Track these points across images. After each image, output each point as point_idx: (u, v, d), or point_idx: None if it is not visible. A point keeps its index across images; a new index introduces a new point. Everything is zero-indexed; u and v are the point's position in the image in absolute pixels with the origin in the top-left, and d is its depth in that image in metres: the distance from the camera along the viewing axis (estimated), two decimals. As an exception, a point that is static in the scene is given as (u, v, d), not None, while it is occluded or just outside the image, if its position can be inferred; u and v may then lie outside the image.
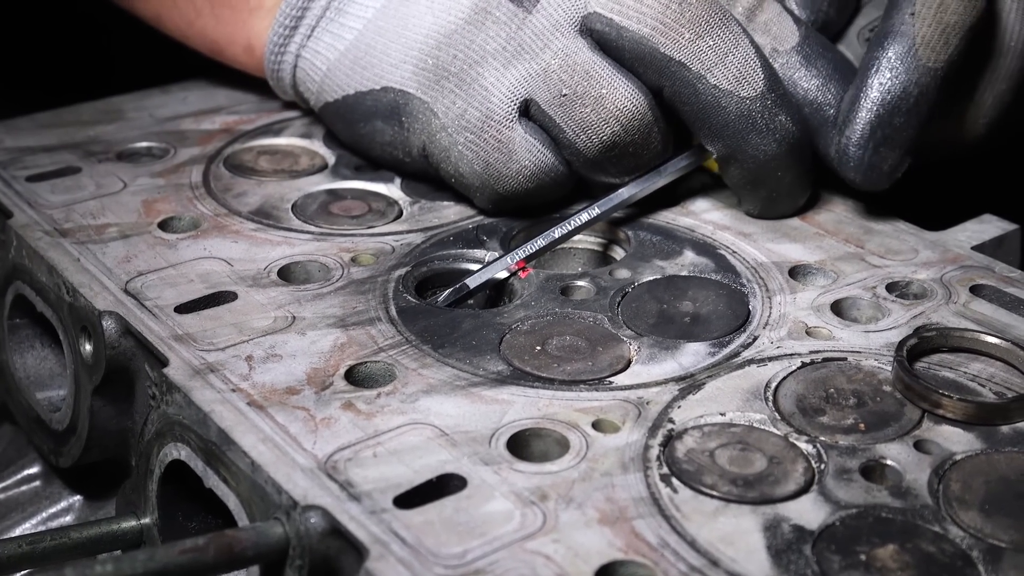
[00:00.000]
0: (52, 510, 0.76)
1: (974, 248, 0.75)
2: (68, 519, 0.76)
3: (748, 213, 0.78)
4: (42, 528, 0.76)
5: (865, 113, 0.73)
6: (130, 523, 0.66)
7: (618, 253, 0.76)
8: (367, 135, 0.80)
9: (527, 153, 0.74)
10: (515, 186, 0.75)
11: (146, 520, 0.65)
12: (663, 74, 0.73)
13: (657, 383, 0.63)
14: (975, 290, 0.70)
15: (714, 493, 0.55)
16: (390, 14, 0.79)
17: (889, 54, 0.73)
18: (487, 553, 0.52)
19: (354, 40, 0.80)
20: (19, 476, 0.79)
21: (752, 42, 0.74)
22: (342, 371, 0.63)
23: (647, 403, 0.61)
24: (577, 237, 0.76)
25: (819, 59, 0.76)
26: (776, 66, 0.76)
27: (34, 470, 0.79)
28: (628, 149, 0.75)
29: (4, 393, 0.79)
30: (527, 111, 0.75)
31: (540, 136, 0.75)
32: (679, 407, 0.61)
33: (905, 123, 0.73)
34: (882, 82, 0.73)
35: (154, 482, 0.64)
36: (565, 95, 0.73)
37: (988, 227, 0.77)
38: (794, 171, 0.75)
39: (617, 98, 0.73)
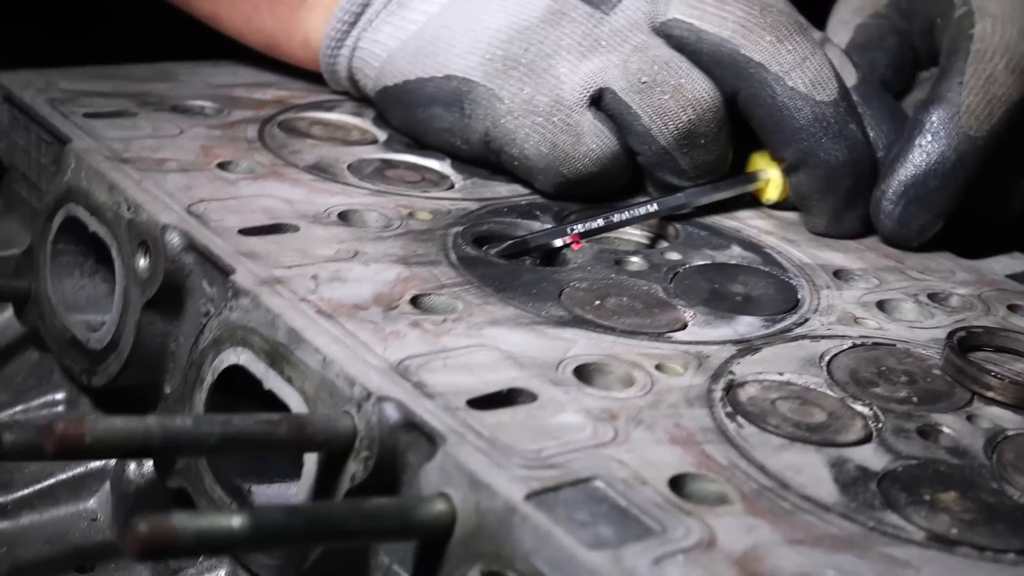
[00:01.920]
0: (74, 435, 0.75)
1: (1008, 276, 0.77)
2: (89, 445, 0.75)
3: (814, 230, 0.80)
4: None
5: (902, 170, 0.76)
6: (224, 415, 0.65)
7: (663, 246, 0.78)
8: (424, 120, 0.82)
9: (595, 137, 0.76)
10: (580, 168, 0.77)
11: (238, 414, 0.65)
12: (741, 76, 0.76)
13: (716, 343, 0.64)
14: (1013, 308, 0.73)
15: (779, 432, 0.56)
16: (457, 9, 0.81)
17: (932, 118, 0.76)
18: (562, 452, 0.52)
19: (418, 31, 0.82)
20: (42, 400, 0.78)
21: (825, 52, 0.77)
22: (407, 298, 0.63)
23: (707, 356, 0.62)
24: (626, 229, 0.77)
25: (874, 101, 0.80)
26: None
27: (59, 395, 0.78)
28: (700, 140, 0.77)
29: (37, 319, 0.78)
30: (598, 102, 0.77)
31: (608, 124, 0.77)
32: (738, 363, 0.62)
33: (940, 186, 0.76)
34: (922, 144, 0.76)
35: (204, 391, 0.64)
36: (644, 83, 0.76)
37: (1019, 262, 0.80)
38: (862, 182, 0.78)
39: (696, 87, 0.76)
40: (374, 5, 0.84)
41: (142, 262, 0.68)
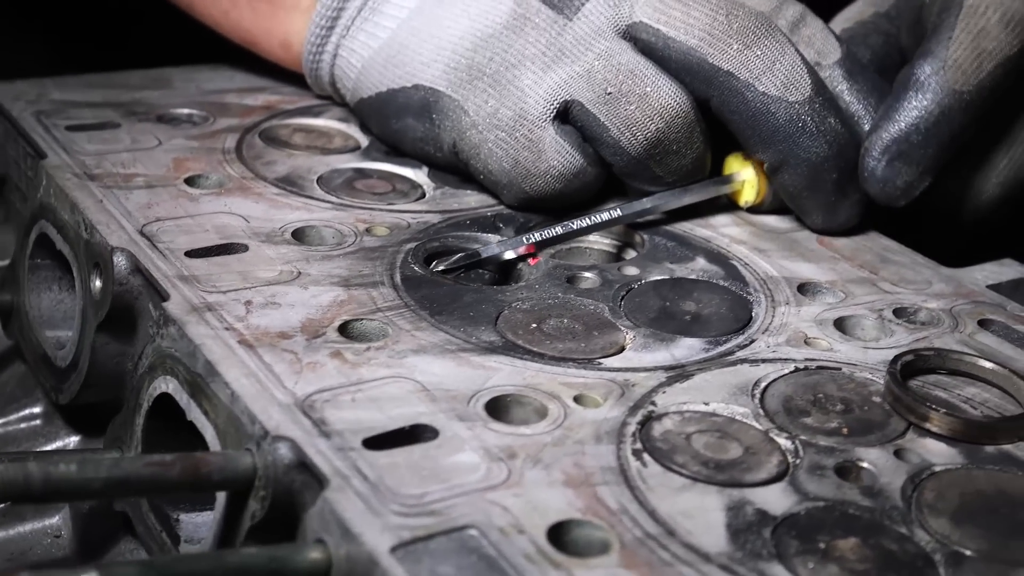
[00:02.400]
0: (47, 448, 0.77)
1: (989, 287, 0.74)
2: (62, 458, 0.77)
3: (813, 227, 0.78)
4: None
5: (885, 126, 0.74)
6: (113, 456, 0.66)
7: (631, 255, 0.76)
8: (399, 131, 0.81)
9: (556, 154, 0.75)
10: (542, 185, 0.76)
11: (129, 455, 0.66)
12: (711, 84, 0.74)
13: (646, 369, 0.62)
14: (984, 324, 0.70)
15: (683, 472, 0.55)
16: (424, 14, 0.80)
17: (918, 73, 0.74)
18: (446, 498, 0.52)
19: (388, 38, 0.81)
20: (22, 413, 0.79)
21: (797, 50, 0.75)
22: (336, 324, 0.63)
23: (632, 385, 0.61)
24: (592, 236, 0.76)
25: (860, 75, 0.78)
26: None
27: (37, 409, 0.79)
28: (672, 147, 0.76)
29: (17, 332, 0.80)
30: (566, 114, 0.76)
31: (571, 139, 0.75)
32: (664, 392, 0.61)
33: (923, 142, 0.74)
34: (905, 99, 0.74)
35: (141, 416, 0.65)
36: (610, 93, 0.74)
37: (1007, 269, 0.76)
38: (848, 172, 0.76)
39: (662, 96, 0.74)
40: (348, 10, 0.83)
41: (96, 283, 0.69)
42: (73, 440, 0.78)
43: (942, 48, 0.74)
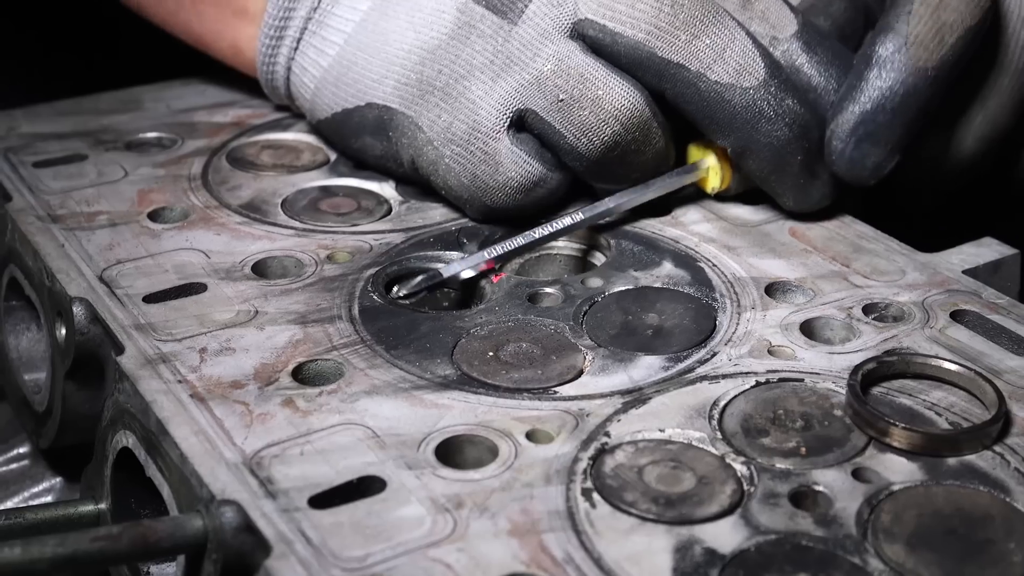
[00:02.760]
0: (35, 489, 0.78)
1: (965, 272, 0.72)
2: (48, 500, 0.77)
3: (787, 208, 0.77)
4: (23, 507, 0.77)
5: (850, 107, 0.73)
6: (88, 507, 0.67)
7: (599, 259, 0.75)
8: (360, 150, 0.81)
9: (513, 165, 0.74)
10: (503, 198, 0.75)
11: (103, 505, 0.66)
12: (663, 77, 0.73)
13: (602, 395, 0.62)
14: (956, 315, 0.68)
15: (632, 511, 0.54)
16: (369, 29, 0.79)
17: (879, 50, 0.72)
18: (388, 558, 0.51)
19: (337, 56, 0.80)
20: (10, 454, 0.80)
21: (748, 33, 0.73)
22: (290, 368, 0.63)
23: (587, 415, 0.60)
24: (559, 243, 0.75)
25: (819, 46, 0.76)
26: (777, 54, 0.75)
27: (25, 449, 0.80)
28: (631, 147, 0.75)
29: (0, 374, 0.80)
30: (521, 122, 0.74)
31: (528, 147, 0.74)
32: (619, 421, 0.60)
33: (890, 121, 0.72)
34: (868, 78, 0.72)
35: (108, 468, 0.65)
36: (562, 100, 0.73)
37: (985, 251, 0.74)
38: (813, 152, 0.74)
39: (614, 98, 0.72)
40: (295, 20, 0.81)
41: (61, 331, 0.69)
42: (57, 480, 0.78)
43: (902, 24, 0.72)
